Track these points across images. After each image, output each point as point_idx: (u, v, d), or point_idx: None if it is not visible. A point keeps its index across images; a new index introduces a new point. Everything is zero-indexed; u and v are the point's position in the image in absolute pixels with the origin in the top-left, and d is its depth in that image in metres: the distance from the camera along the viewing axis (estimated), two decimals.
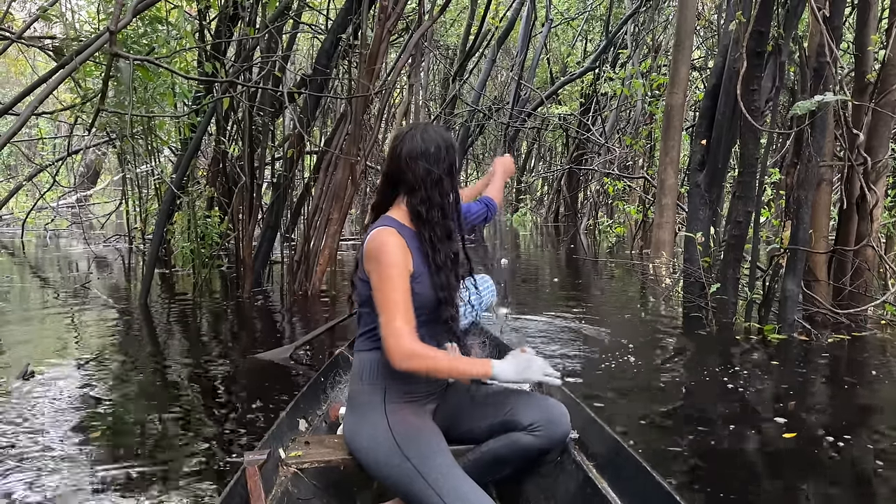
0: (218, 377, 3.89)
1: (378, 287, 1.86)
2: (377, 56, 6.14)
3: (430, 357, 1.86)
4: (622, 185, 13.27)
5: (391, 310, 1.83)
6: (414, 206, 1.93)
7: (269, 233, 6.90)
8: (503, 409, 1.99)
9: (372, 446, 1.88)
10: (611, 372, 4.10)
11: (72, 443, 2.85)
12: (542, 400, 2.01)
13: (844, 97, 4.10)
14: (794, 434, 3.08)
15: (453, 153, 1.98)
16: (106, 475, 2.58)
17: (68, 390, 3.50)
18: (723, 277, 5.26)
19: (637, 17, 14.29)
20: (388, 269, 1.85)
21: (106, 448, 2.85)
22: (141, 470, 2.62)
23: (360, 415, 1.96)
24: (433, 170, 1.91)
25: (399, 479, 1.81)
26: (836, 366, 4.37)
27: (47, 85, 2.97)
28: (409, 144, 1.93)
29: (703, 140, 5.86)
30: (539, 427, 1.92)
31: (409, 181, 1.93)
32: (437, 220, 1.93)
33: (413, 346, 1.83)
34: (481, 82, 16.31)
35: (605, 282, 8.40)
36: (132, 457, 2.75)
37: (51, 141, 15.87)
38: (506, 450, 1.97)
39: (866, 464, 2.82)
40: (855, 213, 5.39)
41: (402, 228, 1.94)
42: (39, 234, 11.62)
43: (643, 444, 2.94)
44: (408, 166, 1.92)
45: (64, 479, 2.52)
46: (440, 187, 1.93)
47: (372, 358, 1.97)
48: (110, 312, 5.44)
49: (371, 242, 1.90)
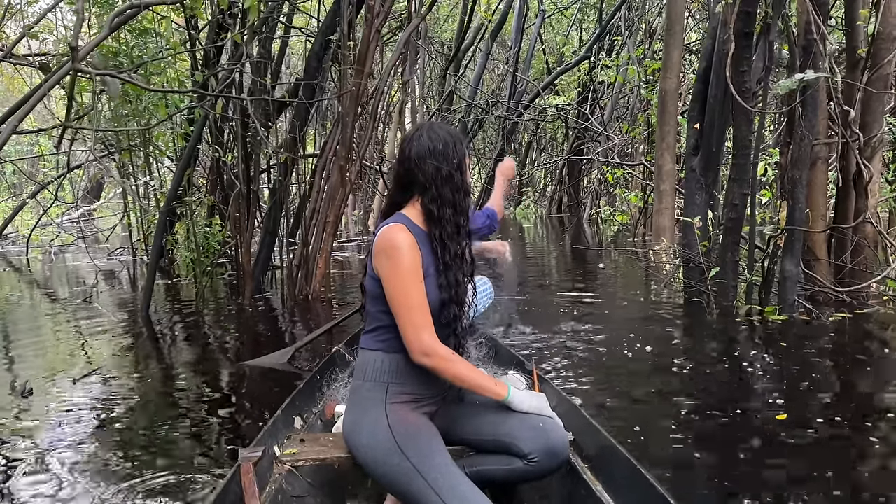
0: (216, 381, 3.92)
1: (392, 285, 1.87)
2: (366, 55, 6.14)
3: (450, 360, 1.88)
4: (622, 173, 13.22)
5: (410, 308, 1.85)
6: (426, 205, 1.94)
7: (268, 238, 6.91)
8: (503, 427, 1.95)
9: (371, 444, 1.88)
10: (611, 360, 4.09)
11: (69, 446, 2.88)
12: (542, 426, 1.93)
13: (826, 74, 4.05)
14: (797, 416, 3.07)
15: (461, 148, 1.99)
16: (102, 474, 2.61)
17: (68, 402, 3.52)
18: (721, 261, 5.24)
19: (631, 3, 14.23)
20: (400, 267, 1.86)
21: (103, 448, 2.88)
22: (137, 469, 2.65)
23: (360, 412, 1.95)
24: (442, 167, 1.93)
25: (397, 478, 1.81)
26: (839, 344, 4.35)
27: (22, 109, 2.98)
28: (416, 145, 1.94)
29: (697, 124, 5.83)
30: (537, 458, 1.88)
31: (421, 181, 1.94)
32: (449, 217, 1.94)
33: (433, 344, 1.86)
34: (477, 76, 16.28)
35: (609, 270, 8.38)
36: (129, 459, 2.78)
37: (52, 157, 15.95)
38: (503, 473, 1.95)
39: (872, 445, 2.79)
40: (852, 190, 5.35)
41: (413, 226, 1.94)
42: (45, 251, 11.68)
43: (643, 433, 2.93)
44: (417, 166, 1.93)
45: (61, 481, 2.55)
46: (451, 183, 1.94)
47: (377, 356, 1.97)
48: (112, 325, 5.47)
49: (381, 239, 1.90)
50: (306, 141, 8.69)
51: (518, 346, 4.24)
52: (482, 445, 1.99)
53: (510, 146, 19.77)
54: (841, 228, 5.34)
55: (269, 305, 6.28)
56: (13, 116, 3.00)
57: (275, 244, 7.03)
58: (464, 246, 2.00)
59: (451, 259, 1.95)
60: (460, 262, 1.98)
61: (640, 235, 11.22)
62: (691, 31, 14.18)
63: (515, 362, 3.06)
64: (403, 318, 1.86)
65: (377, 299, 1.95)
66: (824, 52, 4.46)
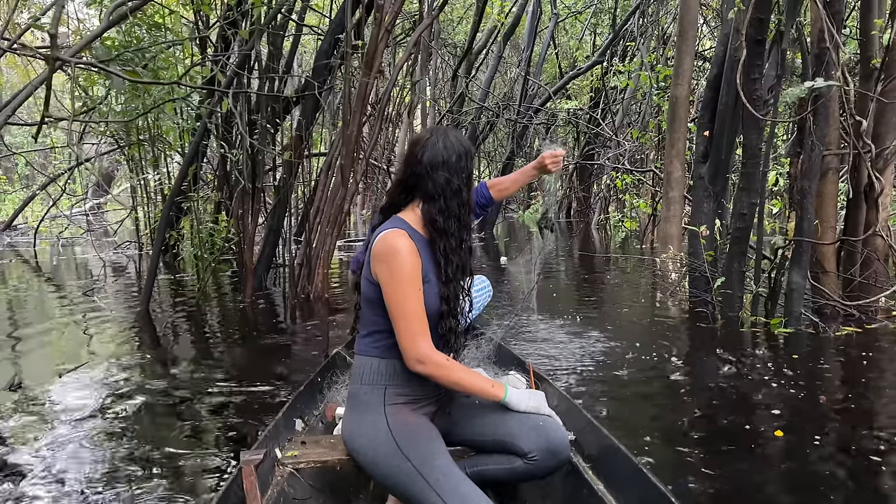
0: (210, 381, 3.88)
1: (391, 292, 1.86)
2: (374, 55, 6.09)
3: (445, 366, 1.87)
4: (631, 180, 13.12)
5: (408, 317, 1.84)
6: (431, 215, 1.91)
7: (272, 236, 6.89)
8: (503, 427, 1.95)
9: (372, 447, 1.87)
10: (614, 370, 4.03)
11: (61, 447, 2.85)
12: (542, 425, 1.93)
13: (837, 83, 3.98)
14: (797, 434, 3.00)
15: (471, 162, 1.98)
16: (100, 477, 2.58)
17: (58, 398, 3.49)
18: (728, 271, 5.16)
19: (645, 8, 14.13)
20: (401, 274, 1.84)
21: (98, 450, 2.85)
22: (137, 471, 2.63)
23: (359, 415, 1.94)
24: (453, 180, 1.91)
25: (399, 480, 1.80)
26: (847, 360, 4.24)
27: (11, 105, 2.96)
28: (430, 152, 1.91)
29: (706, 131, 5.76)
30: (537, 457, 1.89)
31: (429, 190, 1.91)
32: (453, 230, 1.92)
33: (429, 352, 1.85)
34: (488, 78, 16.22)
35: (616, 278, 8.30)
36: (127, 459, 2.75)
37: (63, 150, 16.02)
38: (504, 473, 1.95)
39: (881, 468, 2.72)
40: (863, 202, 5.26)
41: (414, 233, 1.92)
42: (54, 243, 11.72)
43: (645, 445, 2.87)
44: (428, 174, 1.90)
45: (56, 484, 2.52)
46: (459, 197, 1.92)
47: (373, 360, 1.96)
48: (110, 320, 5.45)
49: (381, 245, 1.88)
50: (312, 140, 8.66)
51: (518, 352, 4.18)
52: (483, 445, 1.99)
53: (520, 150, 19.70)
54: (851, 241, 5.24)
55: (270, 303, 6.25)
56: (7, 108, 2.98)
57: (278, 242, 7.00)
58: (465, 260, 1.99)
59: (453, 273, 1.94)
60: (461, 276, 1.98)
61: (649, 243, 11.12)
62: (705, 39, 14.08)
63: (516, 362, 3.06)
64: (401, 326, 1.85)
65: (373, 303, 1.93)
66: (837, 61, 4.38)
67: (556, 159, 2.59)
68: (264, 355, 4.48)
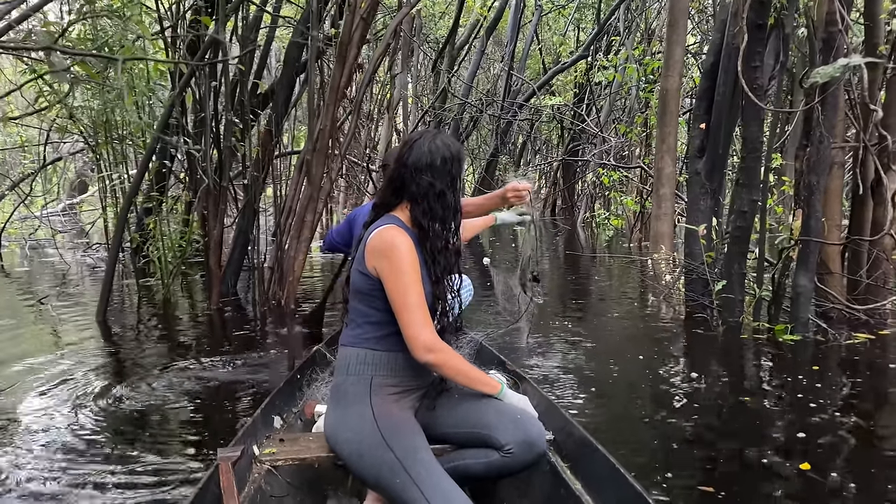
0: (173, 387, 3.47)
1: (394, 285, 1.87)
2: (349, 46, 5.68)
3: (450, 355, 1.91)
4: (618, 176, 12.80)
5: (412, 307, 1.85)
6: (416, 217, 1.95)
7: (241, 238, 6.46)
8: (482, 419, 1.95)
9: (357, 439, 1.87)
10: (605, 382, 3.70)
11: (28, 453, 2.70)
12: (520, 418, 1.94)
13: (876, 59, 3.64)
14: (810, 459, 2.65)
15: (458, 165, 1.99)
16: (71, 479, 2.52)
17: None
18: (727, 273, 4.82)
19: (629, 2, 13.85)
20: (402, 267, 1.86)
21: (69, 455, 2.76)
22: (110, 470, 2.59)
23: (344, 408, 1.94)
24: (436, 183, 1.93)
25: (381, 473, 1.80)
26: (862, 371, 3.90)
27: None
28: (415, 154, 1.95)
29: (702, 124, 5.42)
30: (513, 450, 1.88)
31: (413, 192, 1.95)
32: (438, 232, 1.96)
33: (436, 340, 1.87)
34: (471, 74, 15.87)
35: (603, 279, 7.97)
36: (100, 459, 2.70)
37: (33, 149, 15.44)
38: (481, 467, 1.94)
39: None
40: (870, 199, 4.95)
41: (408, 230, 1.96)
42: (23, 245, 11.19)
43: (637, 462, 2.59)
44: (412, 177, 1.94)
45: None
46: (442, 200, 1.95)
47: (360, 350, 1.97)
48: (62, 331, 5.01)
49: (379, 240, 1.90)
50: (283, 135, 8.24)
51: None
52: (461, 438, 1.99)
53: (504, 147, 19.38)
54: (860, 240, 4.92)
55: (237, 310, 5.84)
56: None
57: (248, 244, 6.57)
58: (452, 262, 2.01)
59: (441, 273, 1.97)
60: (449, 278, 2.01)
61: (636, 241, 10.81)
62: (689, 35, 13.79)
63: (497, 361, 3.06)
64: (406, 317, 1.86)
65: (366, 296, 1.94)
66: (848, 44, 4.04)
67: (519, 193, 2.68)
68: (224, 367, 4.07)
